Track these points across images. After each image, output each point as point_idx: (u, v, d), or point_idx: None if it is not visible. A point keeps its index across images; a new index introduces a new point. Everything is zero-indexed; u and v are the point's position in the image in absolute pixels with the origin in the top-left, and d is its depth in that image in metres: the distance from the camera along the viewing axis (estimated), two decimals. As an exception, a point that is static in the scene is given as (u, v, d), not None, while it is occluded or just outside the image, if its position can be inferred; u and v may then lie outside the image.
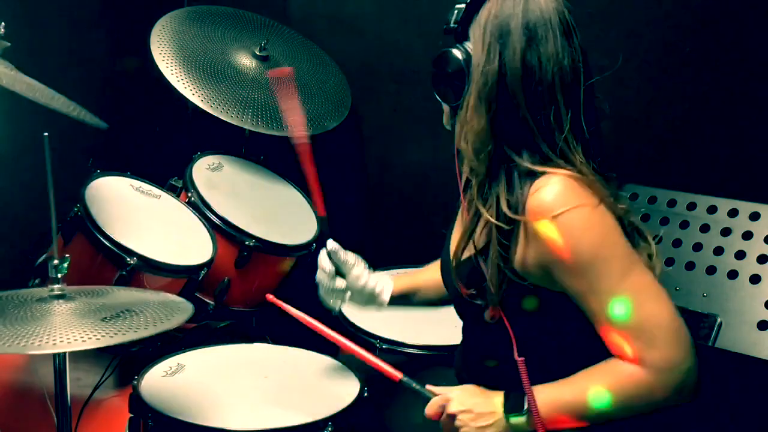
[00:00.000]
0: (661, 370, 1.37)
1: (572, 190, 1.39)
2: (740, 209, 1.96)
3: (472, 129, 1.45)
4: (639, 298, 1.38)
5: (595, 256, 1.38)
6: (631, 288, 1.38)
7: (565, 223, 1.38)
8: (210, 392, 1.69)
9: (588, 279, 1.39)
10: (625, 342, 1.39)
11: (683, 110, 2.36)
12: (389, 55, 2.90)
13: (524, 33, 1.43)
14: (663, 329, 1.37)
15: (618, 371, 1.40)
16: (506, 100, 1.43)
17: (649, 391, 1.39)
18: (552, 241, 1.39)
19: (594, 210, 1.39)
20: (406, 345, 2.08)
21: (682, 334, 1.38)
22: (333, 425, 1.57)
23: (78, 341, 1.41)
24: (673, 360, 1.37)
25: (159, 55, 2.55)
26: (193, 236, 2.34)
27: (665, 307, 1.38)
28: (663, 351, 1.37)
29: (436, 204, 2.82)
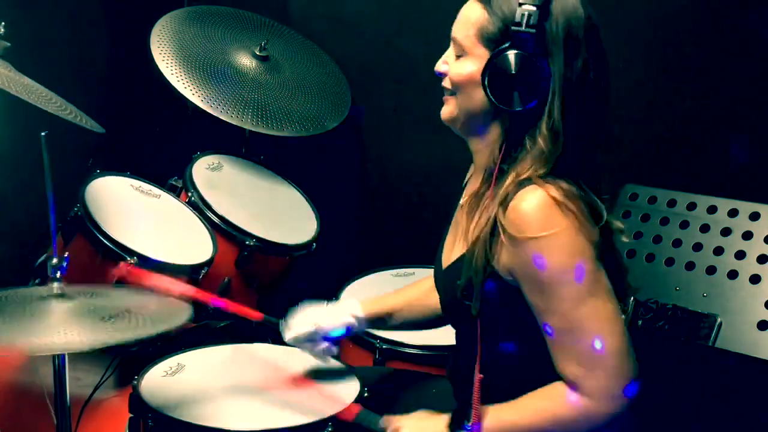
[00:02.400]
0: (597, 398, 1.41)
1: (549, 211, 1.39)
2: (740, 209, 1.96)
3: (554, 135, 1.42)
4: (592, 327, 1.40)
5: (558, 278, 1.40)
6: (587, 315, 1.40)
7: (535, 245, 1.39)
8: (210, 392, 1.69)
9: (546, 297, 1.41)
10: (568, 365, 1.42)
11: (683, 110, 2.36)
12: (389, 55, 2.90)
13: (587, 41, 1.44)
14: (607, 360, 1.40)
15: (559, 397, 1.44)
16: (575, 111, 1.44)
17: (586, 418, 1.42)
18: (521, 256, 1.41)
19: (565, 235, 1.39)
20: (406, 345, 2.08)
21: (625, 367, 1.41)
22: (333, 425, 1.57)
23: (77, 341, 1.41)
24: (610, 390, 1.40)
25: (159, 55, 2.55)
26: (193, 236, 2.34)
27: (616, 338, 1.40)
28: (602, 381, 1.40)
29: (436, 204, 2.81)
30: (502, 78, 1.43)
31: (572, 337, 1.41)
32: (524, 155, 1.45)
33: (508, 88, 1.43)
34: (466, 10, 1.52)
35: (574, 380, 1.42)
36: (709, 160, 2.31)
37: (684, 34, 2.33)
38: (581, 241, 1.40)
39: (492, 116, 1.50)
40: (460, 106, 1.53)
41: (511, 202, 1.42)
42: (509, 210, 1.42)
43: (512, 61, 1.42)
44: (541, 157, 1.42)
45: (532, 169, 1.43)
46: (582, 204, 1.42)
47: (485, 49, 1.47)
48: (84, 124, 2.00)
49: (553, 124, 1.42)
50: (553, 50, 1.42)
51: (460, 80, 1.52)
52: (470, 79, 1.49)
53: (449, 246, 1.67)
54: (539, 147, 1.42)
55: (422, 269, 2.48)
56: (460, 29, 1.52)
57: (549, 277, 1.40)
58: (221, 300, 1.90)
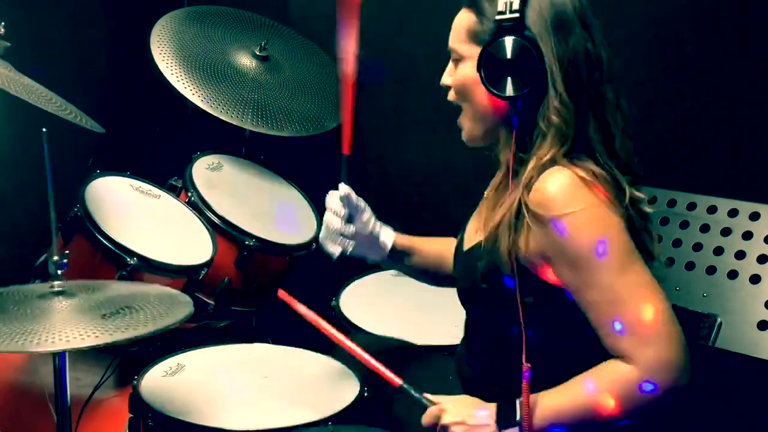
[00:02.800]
0: (654, 369, 1.36)
1: (576, 189, 1.40)
2: (740, 209, 1.96)
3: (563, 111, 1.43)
4: (634, 296, 1.38)
5: (593, 251, 1.38)
6: (628, 285, 1.38)
7: (565, 222, 1.38)
8: (210, 392, 1.69)
9: (584, 273, 1.39)
10: (619, 339, 1.39)
11: (683, 110, 2.36)
12: (389, 55, 2.90)
13: (579, 19, 1.45)
14: (657, 328, 1.37)
15: (612, 372, 1.40)
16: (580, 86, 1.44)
17: (645, 391, 1.37)
18: (551, 235, 1.40)
19: (594, 210, 1.39)
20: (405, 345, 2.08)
21: (675, 334, 1.38)
22: (333, 425, 1.57)
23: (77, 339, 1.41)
24: (666, 359, 1.36)
25: (159, 55, 2.55)
26: (193, 236, 2.34)
27: (661, 306, 1.38)
28: (656, 350, 1.36)
29: (436, 204, 2.81)
30: (497, 67, 1.44)
31: (616, 308, 1.38)
32: (542, 139, 1.45)
33: (503, 75, 1.44)
34: (457, 19, 1.56)
35: (628, 354, 1.37)
36: (709, 160, 2.31)
37: (684, 34, 2.33)
38: (610, 214, 1.40)
39: (501, 111, 1.51)
40: (473, 117, 1.55)
41: (536, 185, 1.42)
42: (534, 191, 1.42)
43: (501, 48, 1.43)
44: (559, 134, 1.43)
45: (554, 148, 1.43)
46: (609, 185, 1.42)
47: (479, 48, 1.49)
48: (84, 124, 2.00)
49: (561, 98, 1.42)
50: (541, 31, 1.43)
51: (462, 84, 1.54)
52: (470, 80, 1.51)
53: (471, 231, 1.66)
54: (555, 124, 1.43)
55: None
56: (454, 38, 1.55)
57: (583, 251, 1.38)
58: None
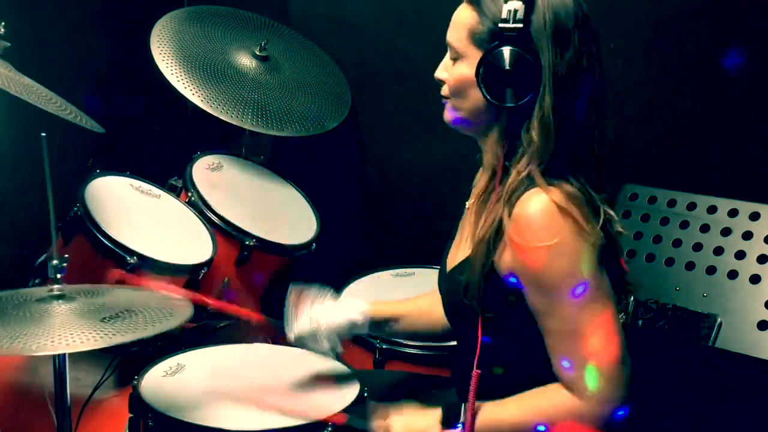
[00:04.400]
0: (594, 404, 1.41)
1: (552, 220, 1.40)
2: (740, 209, 1.96)
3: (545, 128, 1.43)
4: (593, 333, 1.41)
5: (560, 283, 1.41)
6: (589, 321, 1.41)
7: (538, 252, 1.40)
8: (210, 392, 1.69)
9: (549, 301, 1.42)
10: (567, 369, 1.43)
11: (683, 110, 2.36)
12: (389, 55, 2.90)
13: (578, 32, 1.44)
14: (605, 365, 1.41)
15: (555, 397, 1.45)
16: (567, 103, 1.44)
17: (580, 420, 1.42)
18: (524, 261, 1.42)
19: (567, 243, 1.40)
20: (406, 345, 2.08)
21: (621, 376, 1.42)
22: (333, 425, 1.57)
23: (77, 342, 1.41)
24: (607, 395, 1.41)
25: (159, 55, 2.55)
26: (193, 236, 2.34)
27: (614, 345, 1.42)
28: (600, 388, 1.41)
29: (436, 204, 2.81)
30: (495, 75, 1.44)
31: (571, 339, 1.42)
32: (522, 150, 1.46)
33: (501, 84, 1.44)
34: (457, 14, 1.54)
35: (573, 385, 1.43)
36: (709, 160, 2.31)
37: (684, 34, 2.33)
38: (583, 246, 1.41)
39: (492, 115, 1.51)
40: (460, 109, 1.55)
41: (516, 208, 1.43)
42: (513, 216, 1.43)
43: (501, 57, 1.43)
44: (536, 151, 1.43)
45: (531, 164, 1.44)
46: (584, 207, 1.43)
47: (477, 50, 1.48)
48: (84, 124, 2.00)
49: (543, 116, 1.42)
50: (542, 44, 1.42)
51: (457, 83, 1.53)
52: (466, 81, 1.50)
53: (454, 249, 1.67)
54: (533, 140, 1.43)
55: (422, 269, 2.48)
56: (453, 34, 1.54)
57: (551, 281, 1.41)
58: (220, 302, 1.88)
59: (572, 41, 1.44)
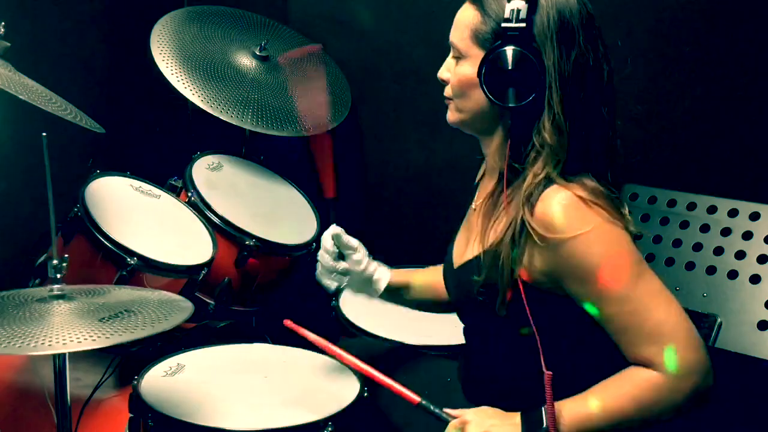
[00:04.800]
0: (679, 374, 1.37)
1: (580, 210, 1.40)
2: (740, 209, 1.96)
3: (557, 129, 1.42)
4: (651, 304, 1.39)
5: (606, 266, 1.39)
6: (643, 294, 1.39)
7: (574, 243, 1.39)
8: (210, 392, 1.69)
9: (599, 289, 1.40)
10: (642, 347, 1.39)
11: (683, 110, 2.36)
12: (389, 55, 2.90)
13: (584, 31, 1.43)
14: (677, 333, 1.38)
15: (637, 379, 1.40)
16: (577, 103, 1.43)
17: (670, 396, 1.38)
18: (562, 255, 1.40)
19: (601, 228, 1.39)
20: (406, 345, 2.08)
21: (694, 337, 1.39)
22: (333, 425, 1.57)
23: (77, 342, 1.41)
24: (689, 363, 1.37)
25: (159, 55, 2.55)
26: (193, 236, 2.34)
27: (677, 311, 1.39)
28: (679, 355, 1.37)
29: (436, 204, 2.82)
30: (497, 75, 1.43)
31: (636, 318, 1.39)
32: (535, 153, 1.44)
33: (503, 85, 1.43)
34: (460, 14, 1.53)
35: (650, 360, 1.38)
36: (709, 160, 2.31)
37: (684, 34, 2.33)
38: (616, 229, 1.41)
39: (496, 115, 1.51)
40: (463, 109, 1.54)
41: (538, 205, 1.41)
42: (537, 213, 1.41)
43: (504, 57, 1.42)
44: (551, 152, 1.42)
45: (547, 167, 1.43)
46: (607, 201, 1.42)
47: (480, 50, 1.48)
48: (84, 124, 2.00)
49: (554, 117, 1.42)
50: (546, 43, 1.42)
51: (459, 84, 1.52)
52: (468, 81, 1.50)
53: (461, 246, 1.66)
54: (546, 142, 1.42)
55: (422, 269, 2.48)
56: (456, 34, 1.53)
57: (597, 266, 1.39)
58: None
59: (577, 40, 1.43)
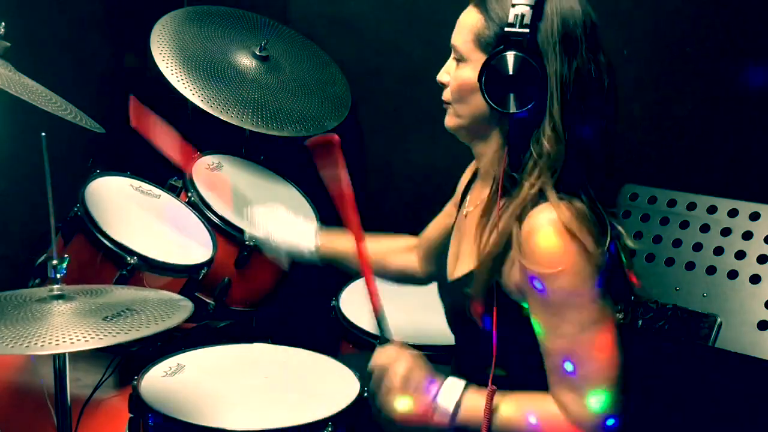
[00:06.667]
0: (580, 425, 1.41)
1: (558, 246, 1.39)
2: (740, 209, 1.96)
3: (556, 138, 1.40)
4: (591, 354, 1.40)
5: (566, 302, 1.40)
6: (588, 343, 1.40)
7: (547, 277, 1.39)
8: (210, 392, 1.69)
9: (552, 319, 1.41)
10: (561, 390, 1.42)
11: (683, 110, 2.36)
12: (389, 55, 2.90)
13: (587, 41, 1.42)
14: (600, 392, 1.40)
15: (546, 408, 1.44)
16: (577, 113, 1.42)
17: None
18: (533, 281, 1.41)
19: (575, 269, 1.39)
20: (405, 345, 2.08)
21: (614, 402, 1.41)
22: (333, 425, 1.57)
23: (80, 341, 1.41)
24: (593, 421, 1.40)
25: (159, 55, 2.55)
26: (193, 236, 2.34)
27: (611, 371, 1.41)
28: (589, 415, 1.40)
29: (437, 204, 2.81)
30: (498, 81, 1.41)
31: (570, 360, 1.40)
32: (532, 162, 1.43)
33: (504, 90, 1.41)
34: (463, 16, 1.52)
35: (563, 403, 1.42)
36: (709, 160, 2.31)
37: (684, 34, 2.33)
38: (588, 269, 1.39)
39: (494, 121, 1.49)
40: (462, 114, 1.53)
41: (525, 224, 1.41)
42: (523, 233, 1.41)
43: (506, 62, 1.40)
44: (548, 162, 1.41)
45: (543, 176, 1.41)
46: (593, 227, 1.41)
47: (482, 54, 1.46)
48: (84, 124, 2.00)
49: (554, 126, 1.40)
50: (549, 50, 1.40)
51: (459, 87, 1.51)
52: (468, 85, 1.48)
53: (453, 257, 1.66)
54: (545, 150, 1.40)
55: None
56: (458, 36, 1.51)
57: (557, 300, 1.40)
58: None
59: (580, 50, 1.41)
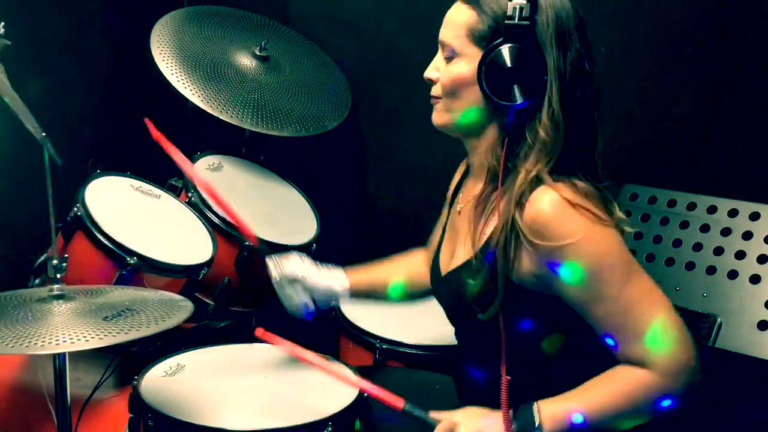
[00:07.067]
0: (669, 373, 1.39)
1: (569, 216, 1.39)
2: (740, 209, 1.96)
3: (554, 126, 1.43)
4: (643, 304, 1.40)
5: (597, 268, 1.39)
6: (634, 294, 1.40)
7: (565, 250, 1.39)
8: (210, 392, 1.69)
9: (590, 289, 1.41)
10: (632, 347, 1.40)
11: (683, 110, 2.36)
12: (389, 55, 2.90)
13: (577, 34, 1.46)
14: (667, 333, 1.39)
15: (629, 377, 1.41)
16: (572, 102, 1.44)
17: (660, 393, 1.40)
18: (555, 260, 1.40)
19: (590, 233, 1.39)
20: (406, 345, 2.09)
21: (684, 335, 1.40)
22: (333, 425, 1.57)
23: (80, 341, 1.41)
24: (680, 362, 1.39)
25: (159, 55, 2.55)
26: (193, 236, 2.34)
27: (668, 311, 1.40)
28: (670, 353, 1.39)
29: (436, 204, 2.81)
30: (500, 73, 1.43)
31: (627, 318, 1.40)
32: (527, 150, 1.45)
33: (506, 82, 1.43)
34: (453, 13, 1.53)
35: (642, 359, 1.40)
36: (709, 160, 2.31)
37: (684, 34, 2.33)
38: (605, 231, 1.41)
39: (489, 114, 1.50)
40: (453, 109, 1.54)
41: (527, 209, 1.41)
42: (527, 217, 1.41)
43: (509, 54, 1.42)
44: (545, 149, 1.43)
45: (540, 163, 1.43)
46: (597, 199, 1.43)
47: (477, 48, 1.48)
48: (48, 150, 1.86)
49: (553, 113, 1.42)
50: (546, 42, 1.43)
51: (453, 82, 1.52)
52: (463, 79, 1.49)
53: (447, 253, 1.66)
54: (541, 138, 1.43)
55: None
56: (448, 32, 1.52)
57: (587, 271, 1.39)
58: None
59: (573, 42, 1.45)
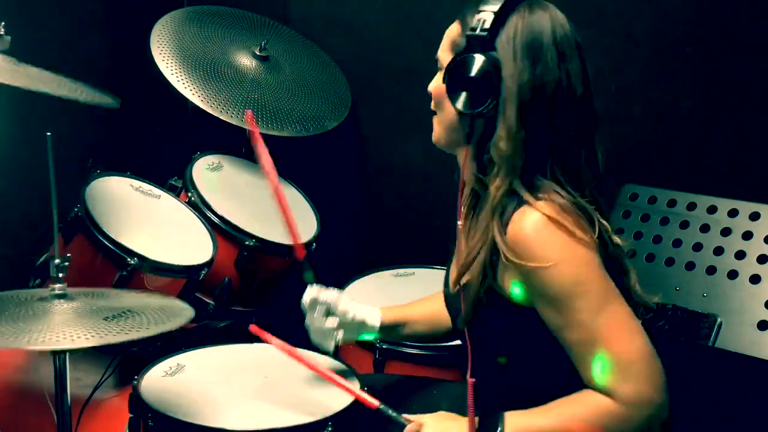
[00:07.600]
0: (633, 405, 1.39)
1: (549, 238, 1.39)
2: (740, 209, 1.96)
3: (510, 139, 1.42)
4: (614, 333, 1.39)
5: (571, 293, 1.39)
6: (608, 323, 1.40)
7: (542, 271, 1.39)
8: (210, 392, 1.69)
9: (563, 313, 1.41)
10: (599, 376, 1.40)
11: (683, 110, 2.36)
12: (389, 55, 2.90)
13: (556, 50, 1.44)
14: (636, 364, 1.39)
15: (592, 403, 1.41)
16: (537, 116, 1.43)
17: (621, 425, 1.40)
18: (529, 280, 1.41)
19: (570, 256, 1.39)
20: (405, 345, 2.08)
21: (654, 369, 1.40)
22: (333, 425, 1.57)
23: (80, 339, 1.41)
24: (645, 395, 1.39)
25: (159, 55, 2.56)
26: (193, 236, 2.34)
27: (640, 342, 1.40)
28: (636, 385, 1.39)
29: (436, 204, 2.82)
30: (457, 81, 1.45)
31: (598, 347, 1.39)
32: (495, 166, 1.45)
33: (461, 90, 1.45)
34: (448, 29, 1.56)
35: (607, 389, 1.40)
36: (709, 160, 2.32)
37: (684, 34, 2.33)
38: (584, 253, 1.40)
39: (465, 128, 1.51)
40: (441, 122, 1.56)
41: (509, 229, 1.42)
42: (508, 238, 1.42)
43: (463, 63, 1.44)
44: (506, 162, 1.43)
45: (509, 176, 1.43)
46: (578, 216, 1.42)
47: None
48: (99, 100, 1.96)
49: (508, 127, 1.42)
50: (508, 54, 1.43)
51: (436, 95, 1.55)
52: (441, 90, 1.51)
53: (453, 270, 1.66)
54: (501, 153, 1.43)
55: (422, 269, 2.48)
56: (440, 47, 1.56)
57: (561, 295, 1.40)
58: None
59: (544, 57, 1.43)
